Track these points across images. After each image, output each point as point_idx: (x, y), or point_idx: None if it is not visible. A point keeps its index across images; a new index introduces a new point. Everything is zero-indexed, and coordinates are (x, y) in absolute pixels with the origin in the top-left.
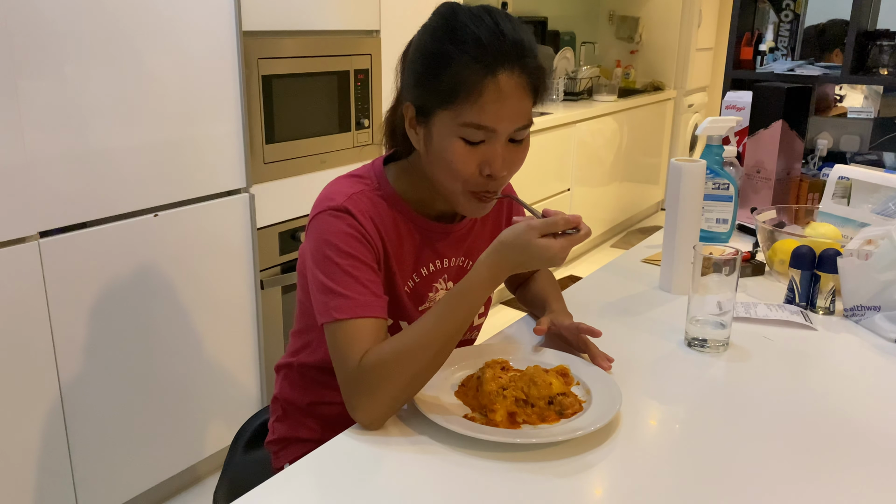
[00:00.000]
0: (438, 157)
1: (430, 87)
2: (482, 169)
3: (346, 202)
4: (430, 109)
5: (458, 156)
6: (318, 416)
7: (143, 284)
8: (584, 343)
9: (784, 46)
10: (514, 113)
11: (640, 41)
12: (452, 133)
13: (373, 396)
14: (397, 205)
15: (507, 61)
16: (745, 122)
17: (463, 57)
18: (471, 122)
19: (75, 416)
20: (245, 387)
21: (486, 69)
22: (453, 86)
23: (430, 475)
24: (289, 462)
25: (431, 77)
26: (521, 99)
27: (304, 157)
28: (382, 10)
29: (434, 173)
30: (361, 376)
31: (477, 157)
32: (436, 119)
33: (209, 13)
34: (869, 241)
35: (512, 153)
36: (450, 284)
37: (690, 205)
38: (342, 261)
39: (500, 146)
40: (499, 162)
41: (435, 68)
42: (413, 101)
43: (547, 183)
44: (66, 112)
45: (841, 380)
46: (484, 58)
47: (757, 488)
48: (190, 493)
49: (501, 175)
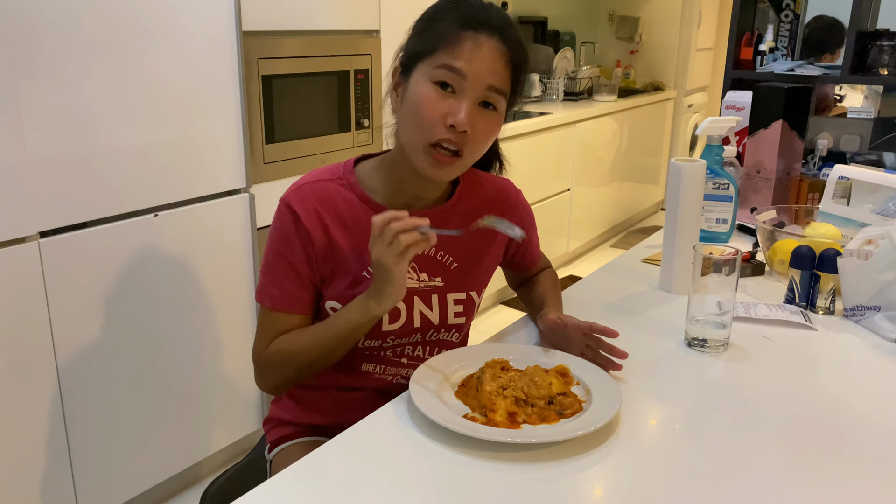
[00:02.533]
0: (409, 106)
1: (416, 40)
2: (447, 118)
3: (290, 194)
4: (413, 62)
5: (425, 100)
6: (294, 397)
7: (143, 284)
8: (596, 341)
9: (784, 46)
10: (487, 68)
11: (640, 41)
12: (426, 78)
13: (268, 378)
14: (356, 192)
15: (489, 26)
16: (745, 122)
17: (449, 13)
18: (444, 63)
19: (75, 416)
20: (245, 387)
21: (468, 25)
22: (436, 36)
23: (430, 475)
24: (269, 442)
25: (419, 34)
26: (496, 61)
27: (304, 157)
28: (382, 10)
29: (403, 129)
30: (262, 362)
31: (444, 106)
32: (415, 71)
33: (209, 13)
34: (869, 241)
35: (480, 117)
36: (423, 276)
37: (690, 205)
38: (271, 253)
39: (468, 100)
40: (463, 113)
41: (426, 24)
42: (401, 60)
43: (547, 183)
44: (66, 112)
45: (841, 380)
46: (467, 15)
47: (757, 488)
48: (190, 493)
49: (463, 128)
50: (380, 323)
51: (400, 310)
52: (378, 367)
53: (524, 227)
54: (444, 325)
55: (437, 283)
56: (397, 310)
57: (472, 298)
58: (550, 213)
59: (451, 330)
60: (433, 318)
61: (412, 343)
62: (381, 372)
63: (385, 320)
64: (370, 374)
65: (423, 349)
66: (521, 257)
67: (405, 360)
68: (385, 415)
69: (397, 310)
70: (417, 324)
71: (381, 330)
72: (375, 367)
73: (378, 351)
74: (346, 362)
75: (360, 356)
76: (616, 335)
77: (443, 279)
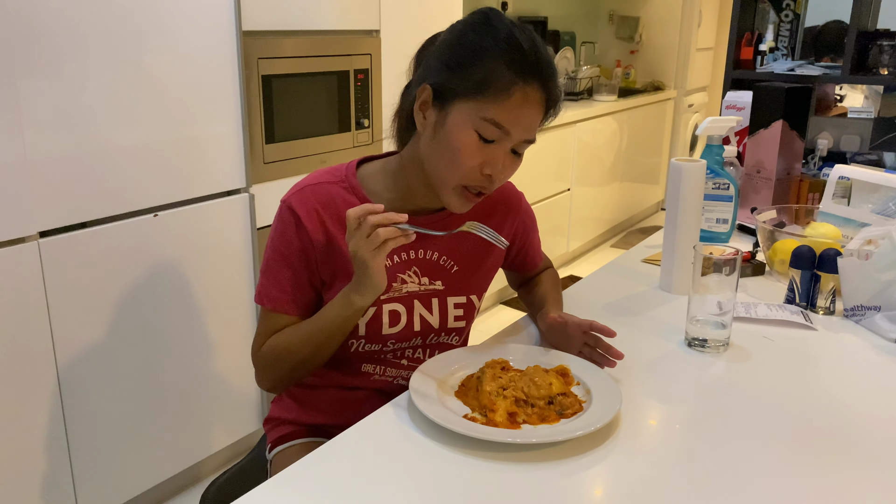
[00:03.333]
0: (445, 143)
1: (459, 73)
2: (484, 167)
3: (291, 196)
4: (451, 96)
5: (467, 147)
6: (295, 397)
7: (143, 284)
8: (594, 340)
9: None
10: (529, 124)
11: (640, 41)
12: (470, 124)
13: (266, 376)
14: (359, 196)
15: (538, 75)
16: (745, 122)
17: (502, 56)
18: (492, 118)
19: (75, 416)
20: (245, 386)
21: (520, 76)
22: (485, 80)
23: (430, 475)
24: (270, 442)
25: (464, 65)
26: (537, 113)
27: (304, 157)
28: (382, 10)
29: (432, 159)
30: (258, 360)
31: (483, 155)
32: (455, 107)
33: (209, 13)
34: (869, 241)
35: (510, 163)
36: (424, 280)
37: (690, 205)
38: (271, 253)
39: (506, 151)
40: (500, 165)
41: (470, 58)
42: (434, 83)
43: (547, 183)
44: (66, 112)
45: (841, 380)
46: (520, 63)
47: (757, 488)
48: (190, 493)
49: (499, 179)
50: (380, 326)
51: (400, 313)
52: (378, 369)
53: (526, 228)
54: (444, 329)
55: (437, 287)
56: (398, 313)
57: (472, 302)
58: (550, 213)
59: (452, 334)
60: (433, 321)
61: (412, 346)
62: (381, 373)
63: (386, 324)
64: (371, 374)
65: (423, 352)
66: (522, 259)
67: (405, 361)
68: (385, 415)
69: (398, 313)
70: (418, 327)
71: (382, 333)
72: (376, 369)
73: (379, 354)
74: (347, 362)
75: (360, 357)
76: (614, 335)
77: (443, 283)
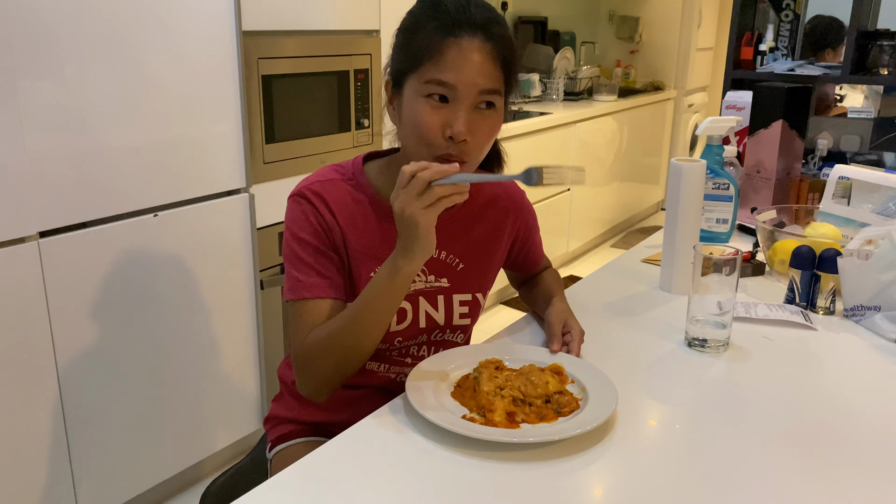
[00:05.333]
0: (407, 122)
1: (401, 55)
2: (444, 130)
3: (304, 188)
4: (401, 78)
5: (422, 116)
6: (296, 395)
7: (143, 284)
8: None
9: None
10: (476, 73)
11: (640, 41)
12: (418, 94)
13: (310, 375)
14: (368, 194)
15: (470, 26)
16: (745, 122)
17: (429, 23)
18: (432, 78)
19: (75, 416)
20: (245, 386)
21: (448, 32)
22: (419, 49)
23: (429, 475)
24: (270, 440)
25: (403, 46)
26: (484, 62)
27: (304, 157)
28: (382, 10)
29: (406, 144)
30: (301, 357)
31: (440, 118)
32: (406, 86)
33: (209, 13)
34: (869, 241)
35: (478, 119)
36: (431, 277)
37: (690, 205)
38: (296, 245)
39: (463, 109)
40: (460, 123)
41: (409, 35)
42: (390, 75)
43: None
44: (66, 112)
45: (841, 380)
46: (447, 21)
47: (757, 488)
48: (190, 493)
49: (462, 137)
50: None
51: (406, 310)
52: (382, 367)
53: (528, 226)
54: (449, 326)
55: (442, 284)
56: (404, 310)
57: (477, 300)
58: (550, 213)
59: (457, 331)
60: (438, 318)
61: (417, 343)
62: (384, 370)
63: (392, 321)
64: (374, 372)
65: (427, 349)
66: (525, 257)
67: (409, 359)
68: (385, 415)
69: (404, 310)
70: (423, 324)
71: (389, 331)
72: (380, 366)
73: (385, 352)
74: None
75: None
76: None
77: (448, 280)
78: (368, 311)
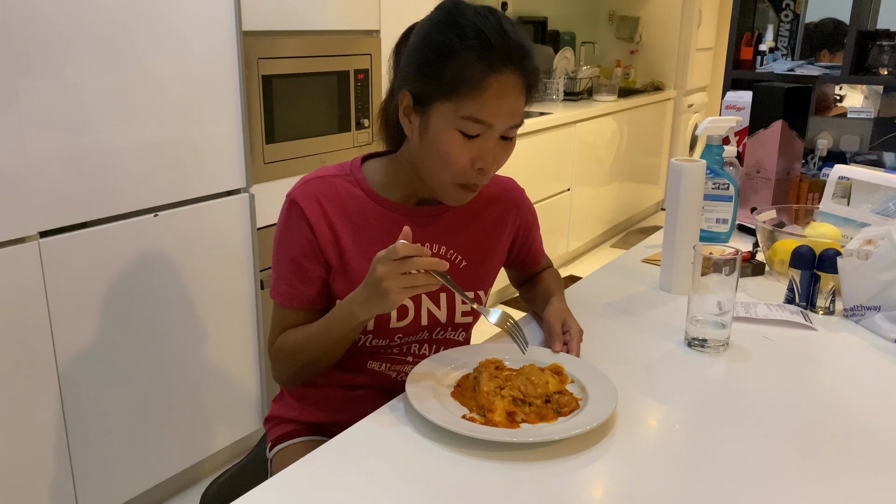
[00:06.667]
0: (433, 146)
1: (432, 77)
2: (475, 162)
3: (296, 190)
4: (429, 99)
5: (453, 147)
6: (296, 395)
7: (143, 284)
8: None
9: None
10: (510, 111)
11: (640, 41)
12: (451, 125)
13: (279, 372)
14: (366, 191)
15: (510, 61)
16: (745, 122)
17: (469, 52)
18: (470, 115)
19: (75, 416)
20: (245, 386)
21: (490, 67)
22: (456, 79)
23: (430, 475)
24: (270, 440)
25: (434, 68)
26: (517, 98)
27: (304, 157)
28: (382, 10)
29: (424, 162)
30: (272, 355)
31: (471, 151)
32: (434, 109)
33: (209, 13)
34: (869, 241)
35: (501, 149)
36: None
37: (690, 205)
38: (280, 251)
39: (493, 142)
40: (490, 157)
41: (439, 60)
42: (412, 89)
43: (547, 183)
44: (66, 112)
45: (841, 380)
46: (489, 55)
47: (757, 488)
48: (190, 493)
49: (491, 170)
50: (388, 321)
51: (408, 307)
52: (383, 366)
53: (528, 224)
54: (451, 324)
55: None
56: (405, 307)
57: (479, 298)
58: (550, 213)
59: (458, 329)
60: (441, 316)
61: (419, 341)
62: (385, 369)
63: (393, 317)
64: (375, 371)
65: (429, 347)
66: (524, 255)
67: (410, 357)
68: (385, 415)
69: (405, 307)
70: (425, 322)
71: (390, 327)
72: (381, 366)
73: (385, 349)
74: (352, 360)
75: (366, 354)
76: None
77: (451, 277)
78: (325, 338)
